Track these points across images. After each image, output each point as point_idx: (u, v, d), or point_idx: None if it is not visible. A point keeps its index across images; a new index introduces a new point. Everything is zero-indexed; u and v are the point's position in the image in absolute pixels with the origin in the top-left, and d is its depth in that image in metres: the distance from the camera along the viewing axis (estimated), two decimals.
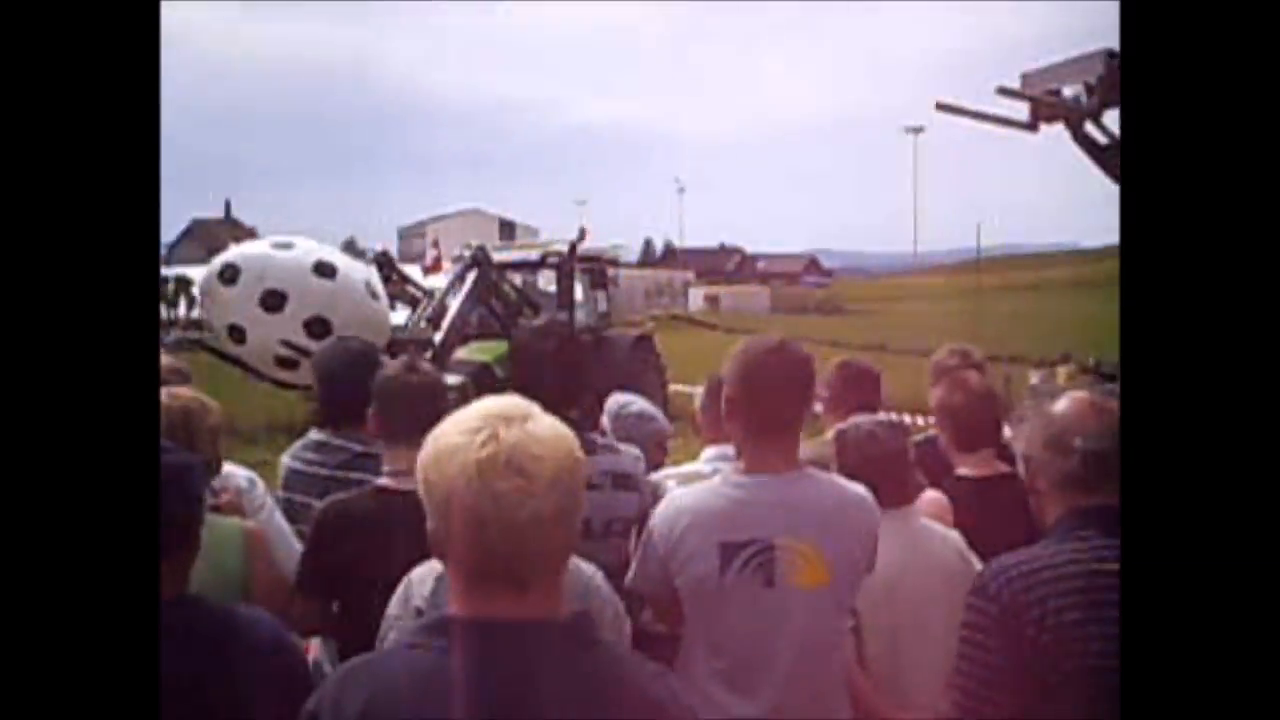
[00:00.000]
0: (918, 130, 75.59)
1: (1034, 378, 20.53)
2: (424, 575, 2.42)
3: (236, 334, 8.48)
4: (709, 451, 3.65)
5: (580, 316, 16.29)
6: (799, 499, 2.74)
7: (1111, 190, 10.02)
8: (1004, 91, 10.08)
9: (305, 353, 7.58)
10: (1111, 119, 9.80)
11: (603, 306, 17.73)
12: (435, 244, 30.43)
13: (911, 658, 3.08)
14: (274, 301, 8.16)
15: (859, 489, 2.84)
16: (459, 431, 1.59)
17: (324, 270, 8.36)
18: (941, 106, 10.85)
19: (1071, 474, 2.28)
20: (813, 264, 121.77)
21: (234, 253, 8.71)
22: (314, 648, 3.20)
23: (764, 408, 2.75)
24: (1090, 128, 9.84)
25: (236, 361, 9.31)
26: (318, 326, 8.09)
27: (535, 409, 1.65)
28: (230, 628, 2.26)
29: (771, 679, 2.69)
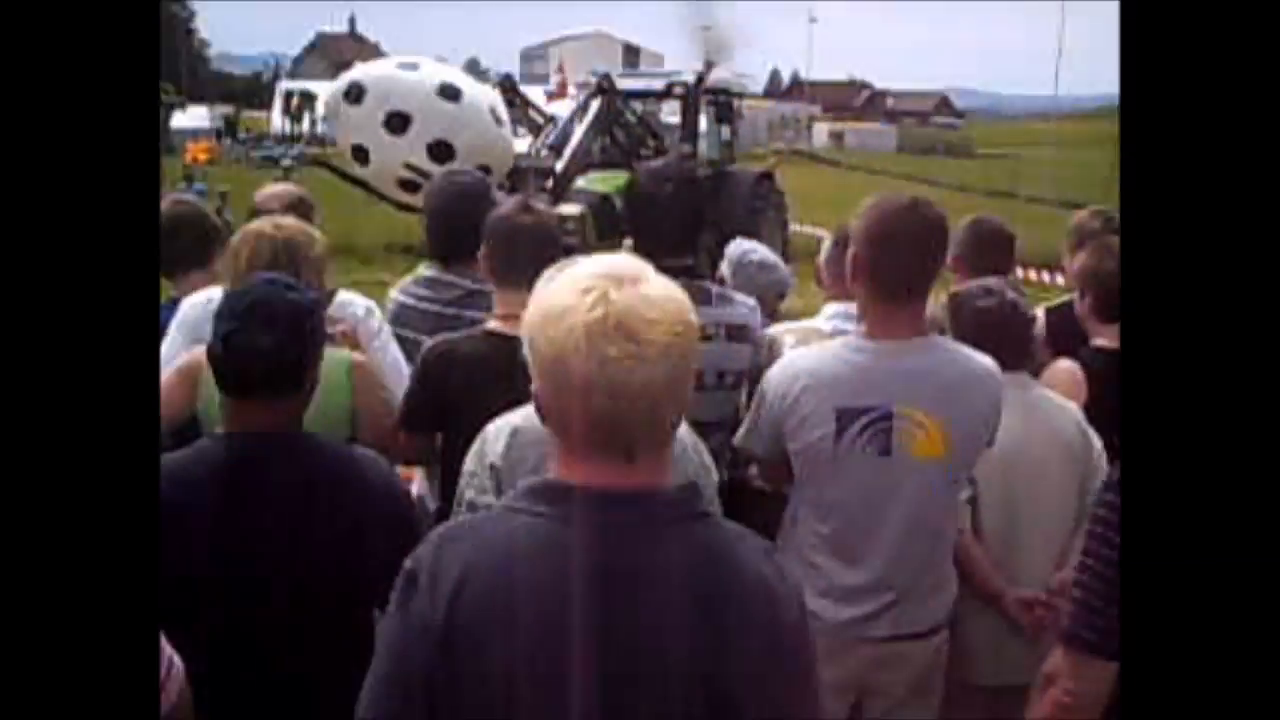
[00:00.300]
0: None
1: None
2: (499, 431, 2.38)
3: (360, 154, 8.51)
4: (830, 308, 3.50)
5: (703, 149, 16.00)
6: (922, 368, 2.61)
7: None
8: None
9: (427, 175, 7.56)
10: None
11: (726, 138, 17.36)
12: (560, 69, 30.05)
13: (1025, 531, 3.00)
14: (398, 123, 8.14)
15: (986, 361, 2.70)
16: (568, 291, 1.48)
17: (449, 93, 8.28)
18: None
19: None
20: (944, 103, 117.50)
21: (359, 72, 8.67)
22: (417, 480, 3.23)
23: (892, 271, 2.60)
24: None
25: (358, 182, 9.37)
26: (441, 150, 8.06)
27: (648, 270, 1.52)
28: (343, 465, 2.27)
29: (880, 549, 2.62)
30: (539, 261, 2.69)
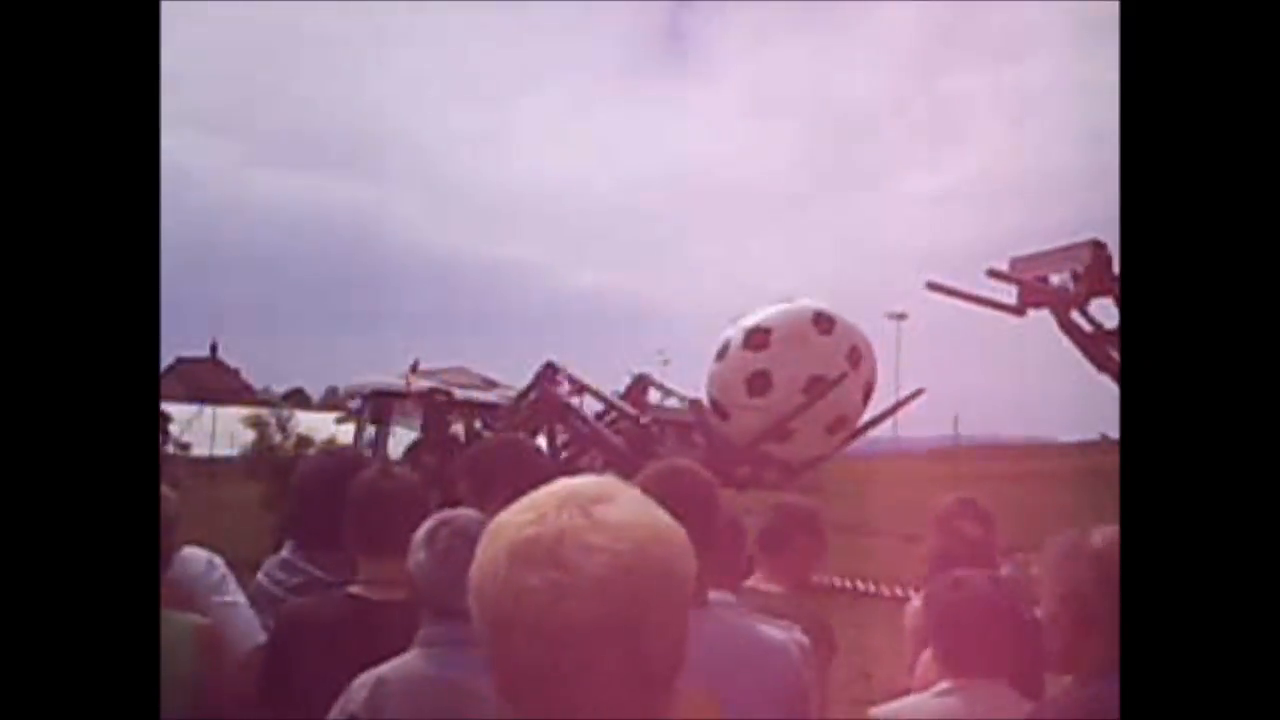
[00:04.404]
0: (900, 317, 76.71)
1: (1005, 568, 20.42)
2: (364, 681, 2.33)
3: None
4: None
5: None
6: (694, 638, 2.42)
7: (1090, 385, 10.14)
8: (993, 274, 10.26)
9: None
10: (1097, 308, 10.00)
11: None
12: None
13: None
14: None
15: (776, 635, 2.59)
16: (515, 509, 1.26)
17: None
18: (932, 286, 11.03)
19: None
20: None
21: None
22: None
23: None
24: (1076, 315, 10.00)
25: None
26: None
27: (622, 491, 1.29)
28: None
29: None
30: (396, 527, 2.68)
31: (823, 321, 8.46)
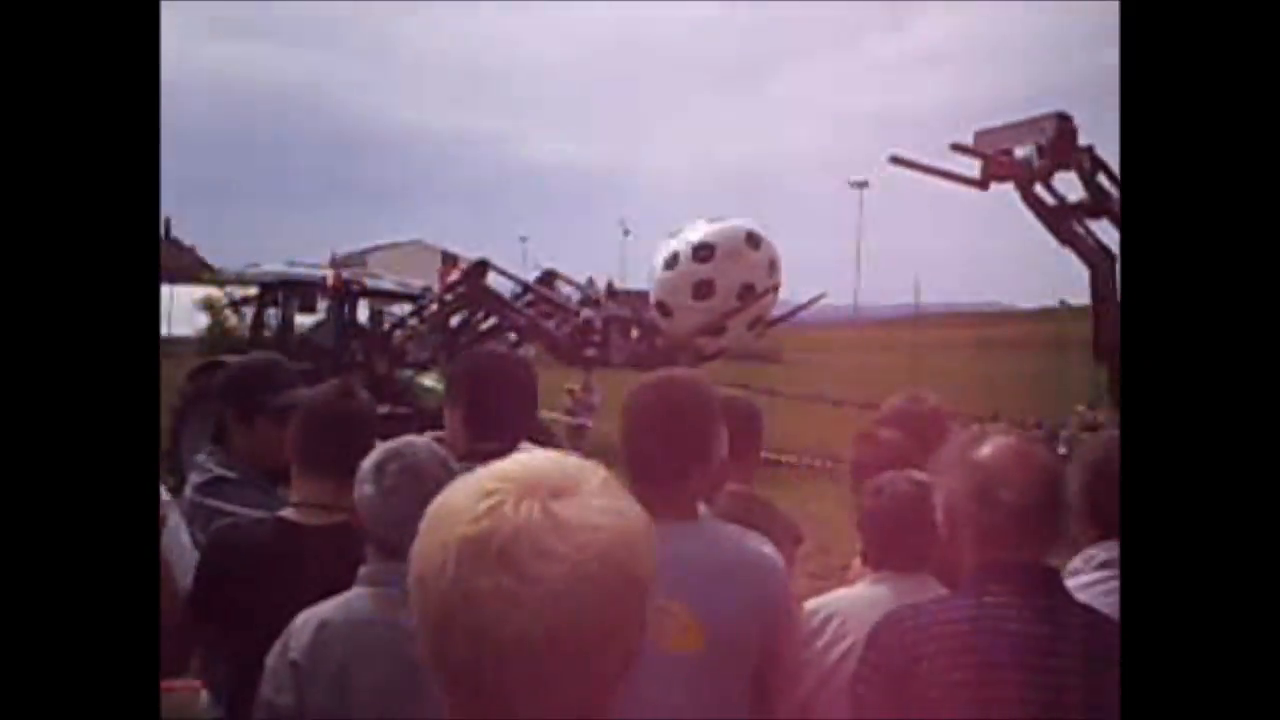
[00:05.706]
0: (862, 185, 76.42)
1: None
2: (305, 623, 2.23)
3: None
4: None
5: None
6: (679, 554, 2.24)
7: (1050, 253, 10.13)
8: (957, 148, 10.16)
9: None
10: (1060, 181, 9.92)
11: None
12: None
13: None
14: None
15: (761, 547, 2.51)
16: (465, 493, 1.13)
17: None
18: (896, 160, 10.92)
19: (995, 527, 2.10)
20: None
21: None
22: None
23: (640, 448, 2.45)
24: (1039, 188, 9.92)
25: None
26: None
27: (593, 480, 1.15)
28: None
29: None
30: (348, 450, 2.54)
31: (753, 239, 10.72)
